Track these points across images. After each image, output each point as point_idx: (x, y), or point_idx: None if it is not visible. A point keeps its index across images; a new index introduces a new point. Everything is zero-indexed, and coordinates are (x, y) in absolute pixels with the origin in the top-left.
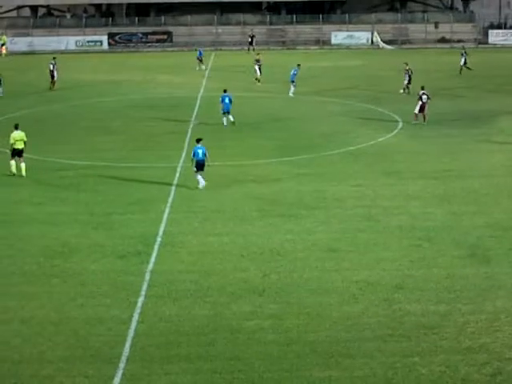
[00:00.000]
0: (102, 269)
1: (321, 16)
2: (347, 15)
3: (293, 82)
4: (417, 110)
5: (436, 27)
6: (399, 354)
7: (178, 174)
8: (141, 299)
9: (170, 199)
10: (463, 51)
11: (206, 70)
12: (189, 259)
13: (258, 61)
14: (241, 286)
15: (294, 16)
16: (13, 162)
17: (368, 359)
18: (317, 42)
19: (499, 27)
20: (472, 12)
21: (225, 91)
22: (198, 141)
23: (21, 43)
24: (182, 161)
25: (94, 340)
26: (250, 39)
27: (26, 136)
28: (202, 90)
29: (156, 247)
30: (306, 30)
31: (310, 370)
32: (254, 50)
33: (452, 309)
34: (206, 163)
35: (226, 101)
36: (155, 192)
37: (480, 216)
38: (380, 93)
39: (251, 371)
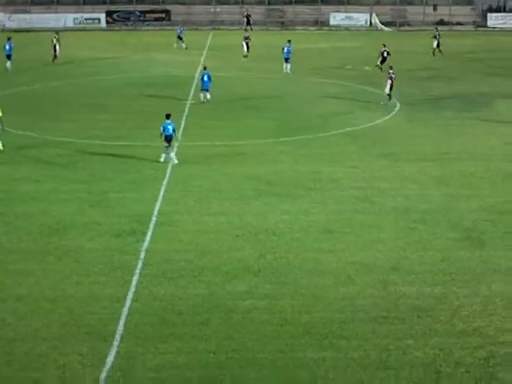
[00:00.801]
0: (97, 247)
1: None
2: None
3: (287, 59)
4: (388, 90)
5: (434, 9)
6: (393, 336)
7: (174, 153)
8: (135, 278)
9: (167, 178)
10: (437, 33)
11: (185, 48)
12: (184, 238)
13: (246, 38)
14: (236, 265)
15: None
16: None
17: (362, 341)
18: (315, 22)
19: (498, 10)
20: None
21: (205, 68)
22: (168, 116)
23: (19, 20)
24: (178, 140)
25: (89, 318)
26: (246, 19)
27: (3, 111)
28: (199, 69)
29: (151, 226)
30: (305, 10)
31: (304, 351)
32: (251, 29)
33: (447, 292)
34: (175, 139)
35: (205, 78)
36: (152, 171)
37: (475, 199)
38: (378, 75)
39: (245, 351)
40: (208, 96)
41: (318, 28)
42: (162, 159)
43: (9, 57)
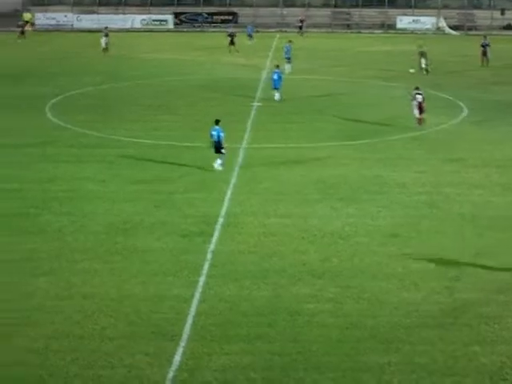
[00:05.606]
0: (164, 247)
1: (386, 0)
2: (413, 0)
3: (288, 59)
4: (417, 114)
5: (502, 14)
6: (460, 342)
7: (240, 155)
8: (202, 278)
9: (233, 180)
10: (486, 41)
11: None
12: (250, 240)
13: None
14: (301, 268)
15: None
16: None
17: (428, 346)
18: (382, 25)
19: None
20: None
21: (277, 67)
22: (217, 122)
23: (86, 20)
24: (244, 142)
25: (155, 317)
26: (300, 23)
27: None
28: (265, 72)
29: (218, 227)
30: (371, 13)
31: (368, 355)
32: (302, 34)
33: None
34: (223, 146)
35: (275, 77)
36: (217, 172)
37: None
38: (444, 78)
39: (310, 354)
40: (277, 95)
41: (383, 31)
42: (215, 165)
43: None
